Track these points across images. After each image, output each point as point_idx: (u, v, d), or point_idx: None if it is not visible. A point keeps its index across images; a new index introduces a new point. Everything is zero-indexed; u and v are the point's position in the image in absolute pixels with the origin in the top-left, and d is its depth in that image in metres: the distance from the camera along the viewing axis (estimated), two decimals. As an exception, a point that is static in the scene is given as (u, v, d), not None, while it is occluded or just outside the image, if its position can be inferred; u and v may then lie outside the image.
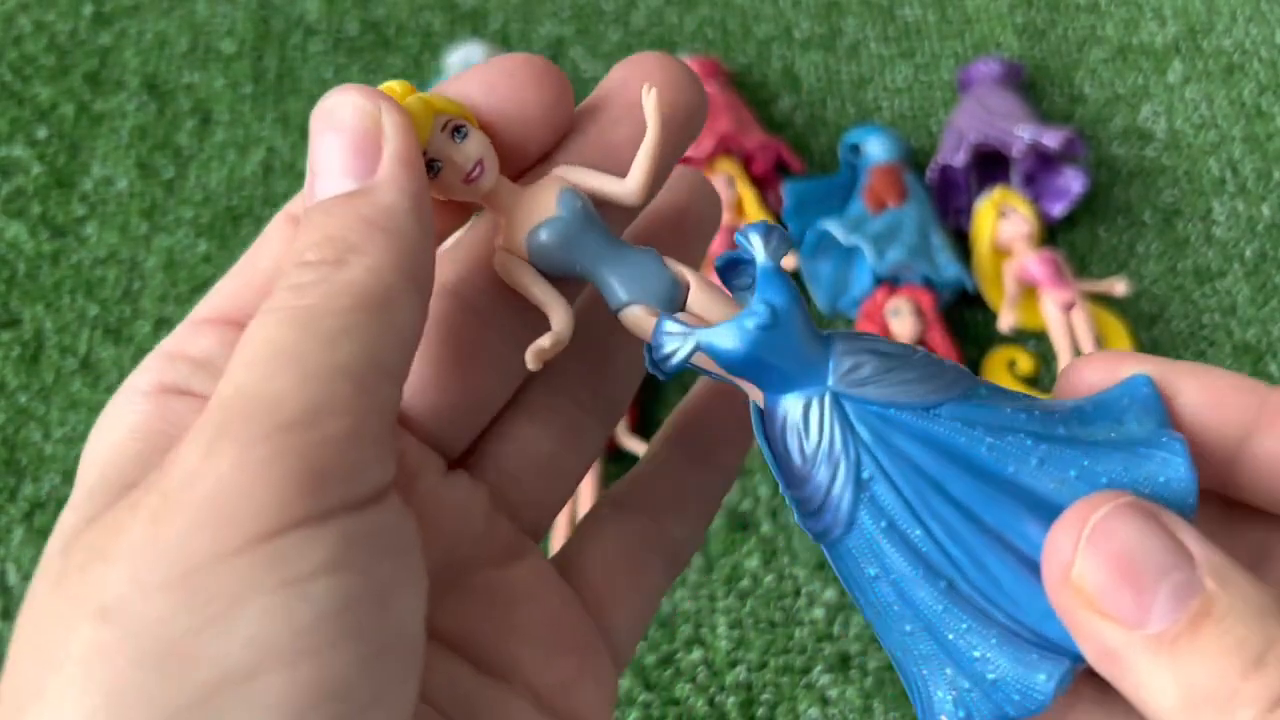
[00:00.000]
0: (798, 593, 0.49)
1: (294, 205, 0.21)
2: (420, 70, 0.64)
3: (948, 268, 0.54)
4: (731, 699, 0.46)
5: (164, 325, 0.56)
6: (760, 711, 0.46)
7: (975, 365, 0.54)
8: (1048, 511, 0.18)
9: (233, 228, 0.58)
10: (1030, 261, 0.54)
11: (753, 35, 0.66)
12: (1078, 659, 0.18)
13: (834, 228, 0.54)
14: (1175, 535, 0.17)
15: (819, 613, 0.48)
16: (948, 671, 0.19)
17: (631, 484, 0.25)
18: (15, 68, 0.64)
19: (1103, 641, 0.17)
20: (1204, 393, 0.20)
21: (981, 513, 0.19)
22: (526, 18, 0.67)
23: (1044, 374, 0.54)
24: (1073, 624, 0.17)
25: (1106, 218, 0.59)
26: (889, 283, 0.54)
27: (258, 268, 0.21)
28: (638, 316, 0.20)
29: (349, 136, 0.19)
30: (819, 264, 0.56)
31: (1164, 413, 0.19)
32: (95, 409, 0.53)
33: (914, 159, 0.59)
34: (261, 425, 0.16)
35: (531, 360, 0.20)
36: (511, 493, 0.23)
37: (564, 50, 0.65)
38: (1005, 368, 0.54)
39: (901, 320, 0.52)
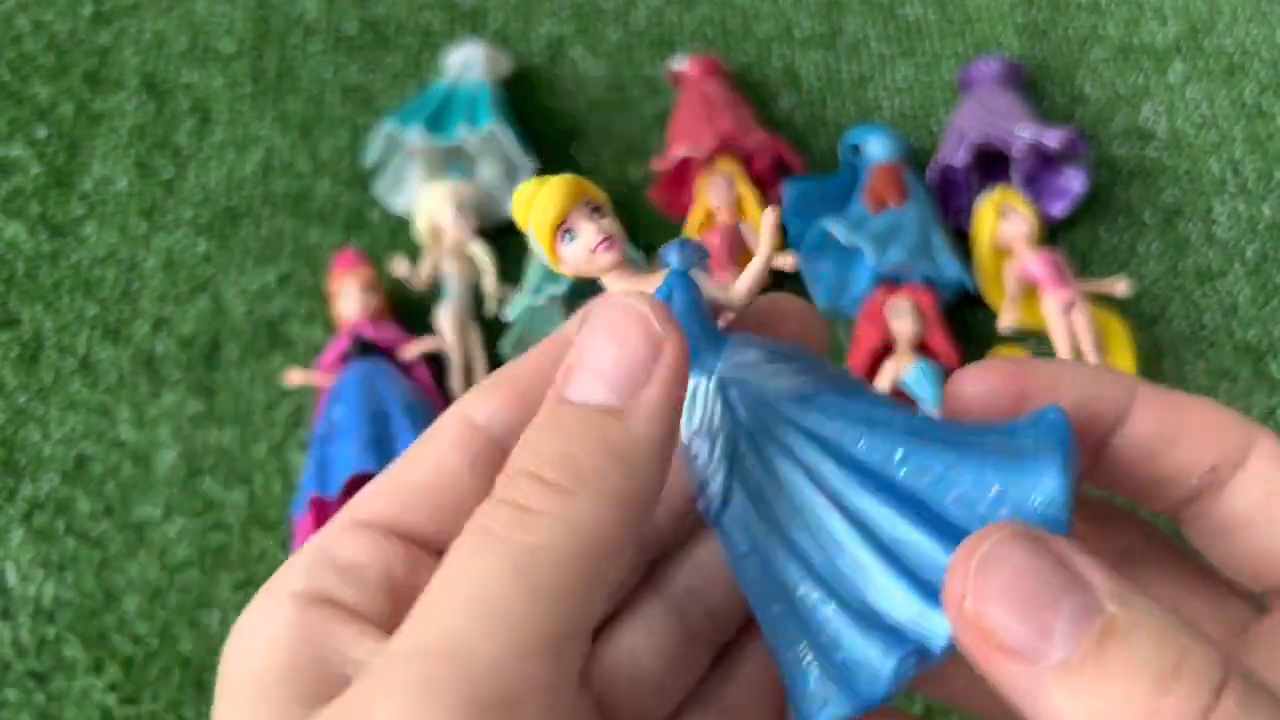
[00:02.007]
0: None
1: (470, 407, 0.21)
2: (419, 70, 0.64)
3: (948, 267, 0.54)
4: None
5: (163, 325, 0.55)
6: (760, 712, 0.46)
7: (976, 365, 0.54)
8: (911, 505, 0.19)
9: (232, 227, 0.58)
10: (1031, 261, 0.54)
11: (753, 34, 0.66)
12: (921, 650, 0.18)
13: (834, 227, 0.54)
14: (1066, 559, 0.16)
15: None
16: (811, 655, 0.19)
17: (662, 565, 0.23)
18: (14, 67, 0.64)
19: (1012, 680, 0.16)
20: (1076, 388, 0.21)
21: (847, 500, 0.19)
22: (526, 17, 0.66)
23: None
24: (982, 666, 0.17)
25: (1107, 218, 0.59)
26: (889, 282, 0.54)
27: (416, 477, 0.20)
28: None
29: (626, 352, 0.18)
30: (819, 264, 0.56)
31: (1067, 438, 0.19)
32: (94, 409, 0.53)
33: (915, 158, 0.59)
34: (465, 701, 0.15)
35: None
36: (619, 705, 0.22)
37: (563, 50, 0.65)
38: (1006, 368, 0.54)
39: (902, 320, 0.52)
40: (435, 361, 0.54)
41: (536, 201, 0.21)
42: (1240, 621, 0.22)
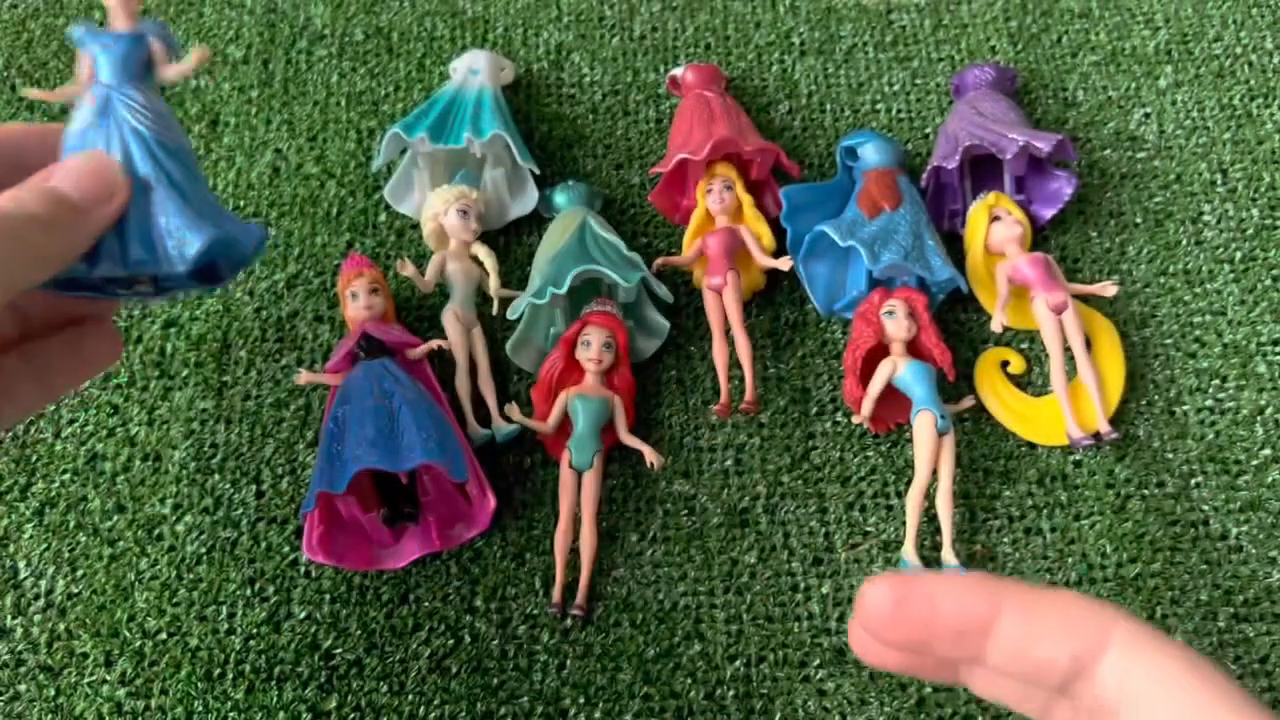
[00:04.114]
0: (795, 588, 0.50)
1: None
2: (425, 76, 0.65)
3: (941, 270, 0.54)
4: (730, 692, 0.47)
5: (172, 325, 0.56)
6: (758, 704, 0.47)
7: (968, 366, 0.55)
8: None
9: (240, 230, 0.59)
10: (1022, 263, 0.55)
11: (751, 42, 0.67)
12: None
13: (830, 231, 0.55)
14: None
15: (815, 607, 0.49)
16: None
17: None
18: (25, 72, 0.65)
19: None
20: (950, 599, 0.24)
21: None
22: (528, 25, 0.67)
23: (1035, 374, 0.55)
24: None
25: (1098, 221, 0.60)
26: (884, 285, 0.55)
27: None
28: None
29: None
30: (816, 266, 0.57)
31: None
32: (104, 407, 0.54)
33: (909, 163, 0.60)
34: None
35: None
36: None
37: (566, 57, 0.66)
38: (997, 368, 0.55)
39: (896, 322, 0.53)
40: (441, 361, 0.55)
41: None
42: None
